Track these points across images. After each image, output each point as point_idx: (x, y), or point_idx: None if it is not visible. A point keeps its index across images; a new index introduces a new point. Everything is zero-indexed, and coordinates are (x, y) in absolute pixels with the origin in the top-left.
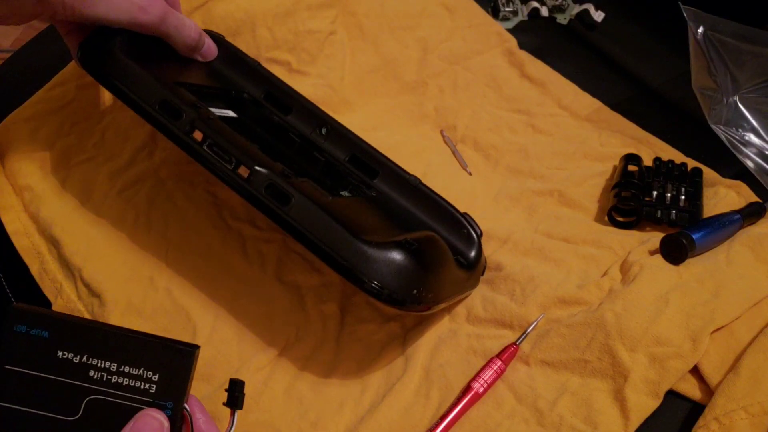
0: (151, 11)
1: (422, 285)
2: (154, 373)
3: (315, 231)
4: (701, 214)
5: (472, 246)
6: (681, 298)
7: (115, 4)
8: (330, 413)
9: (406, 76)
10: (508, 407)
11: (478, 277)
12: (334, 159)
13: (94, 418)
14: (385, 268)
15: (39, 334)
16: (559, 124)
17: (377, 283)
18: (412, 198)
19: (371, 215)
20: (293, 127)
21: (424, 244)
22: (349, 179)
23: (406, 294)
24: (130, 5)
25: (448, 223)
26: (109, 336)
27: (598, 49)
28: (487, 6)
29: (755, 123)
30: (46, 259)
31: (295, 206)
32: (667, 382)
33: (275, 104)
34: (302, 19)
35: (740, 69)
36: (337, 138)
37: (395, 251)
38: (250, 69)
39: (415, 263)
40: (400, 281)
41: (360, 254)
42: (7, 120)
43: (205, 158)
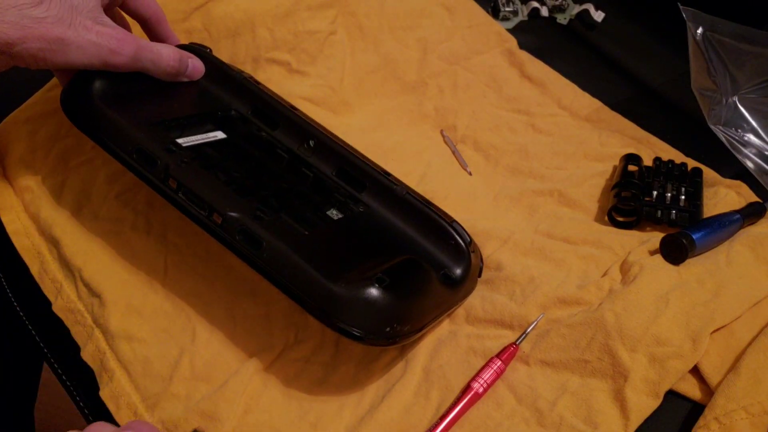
0: (122, 52)
1: (396, 320)
2: None
3: (286, 275)
4: (701, 214)
5: (461, 257)
6: (681, 298)
7: (85, 49)
8: (330, 414)
9: (406, 76)
10: (508, 407)
11: (470, 288)
12: (321, 174)
13: None
14: (357, 310)
15: None
16: (559, 124)
17: (350, 325)
18: (399, 210)
19: (354, 240)
20: (281, 143)
21: (402, 272)
22: (336, 196)
23: (377, 332)
24: (99, 49)
25: (435, 236)
26: None
27: (598, 49)
28: (487, 6)
29: (755, 123)
30: (46, 259)
31: (267, 250)
32: (667, 382)
33: (263, 119)
34: (302, 20)
35: (739, 69)
36: (325, 151)
37: (367, 290)
38: (236, 84)
39: (388, 299)
40: (371, 321)
41: (331, 297)
42: (6, 121)
43: (181, 205)
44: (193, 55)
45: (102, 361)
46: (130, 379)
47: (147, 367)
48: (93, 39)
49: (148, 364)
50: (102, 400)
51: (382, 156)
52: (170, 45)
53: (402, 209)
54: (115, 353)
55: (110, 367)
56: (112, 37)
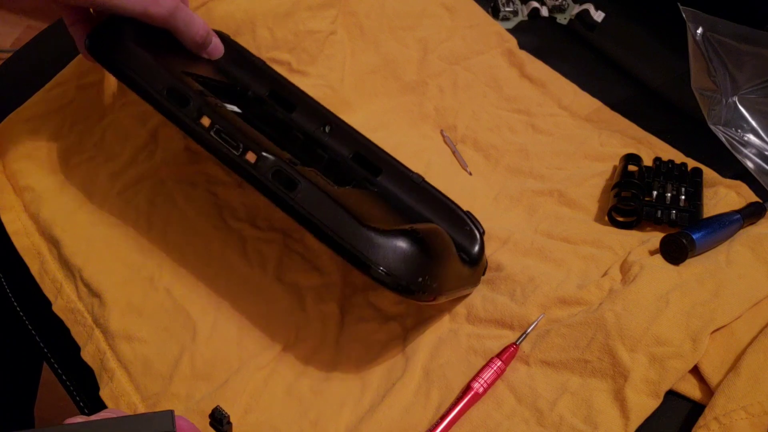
0: (163, 4)
1: (428, 273)
2: None
3: (322, 217)
4: (701, 214)
5: (474, 243)
6: (681, 298)
7: None
8: (330, 413)
9: (406, 76)
10: (508, 407)
11: (479, 276)
12: (337, 156)
13: None
14: (391, 255)
15: None
16: (559, 124)
17: (384, 269)
18: (415, 195)
19: (376, 207)
20: (297, 125)
21: (430, 235)
22: (352, 176)
23: (412, 280)
24: None
25: (451, 221)
26: None
27: (598, 49)
28: (487, 6)
29: (755, 123)
30: (46, 259)
31: (302, 192)
32: (667, 382)
33: (279, 102)
34: (302, 19)
35: (739, 70)
36: (341, 136)
37: (402, 238)
38: (255, 68)
39: (421, 251)
40: (407, 268)
41: (367, 240)
42: (7, 120)
43: (213, 144)
44: (216, 35)
45: (102, 360)
46: (130, 378)
47: (147, 366)
48: None
49: (148, 364)
50: (102, 400)
51: None
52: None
53: (418, 195)
54: (115, 353)
55: (110, 366)
56: None
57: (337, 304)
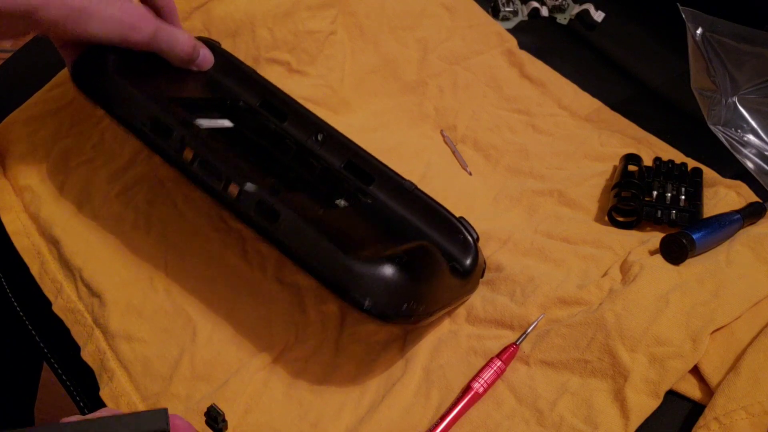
0: (142, 29)
1: (413, 299)
2: None
3: (303, 247)
4: (701, 214)
5: (468, 252)
6: (681, 298)
7: (106, 22)
8: (330, 414)
9: (406, 76)
10: (508, 407)
11: (477, 281)
12: (329, 165)
13: None
14: (373, 284)
15: None
16: (559, 124)
17: (364, 299)
18: (407, 204)
19: (365, 226)
20: (289, 134)
21: (417, 255)
22: (344, 186)
23: (394, 309)
24: (121, 24)
25: (443, 229)
26: None
27: (598, 49)
28: (487, 6)
29: (754, 124)
30: (46, 259)
31: (284, 223)
32: (667, 382)
33: (271, 111)
34: (302, 20)
35: (739, 70)
36: (333, 144)
37: (385, 266)
38: (245, 77)
39: (405, 277)
40: (389, 297)
41: (347, 270)
42: (6, 121)
43: (196, 177)
44: (204, 45)
45: (102, 361)
46: (130, 378)
47: (147, 366)
48: (115, 13)
49: (148, 364)
50: (102, 400)
51: (382, 156)
52: (186, 32)
53: (411, 203)
54: (115, 353)
55: (110, 367)
56: (134, 13)
57: (336, 305)
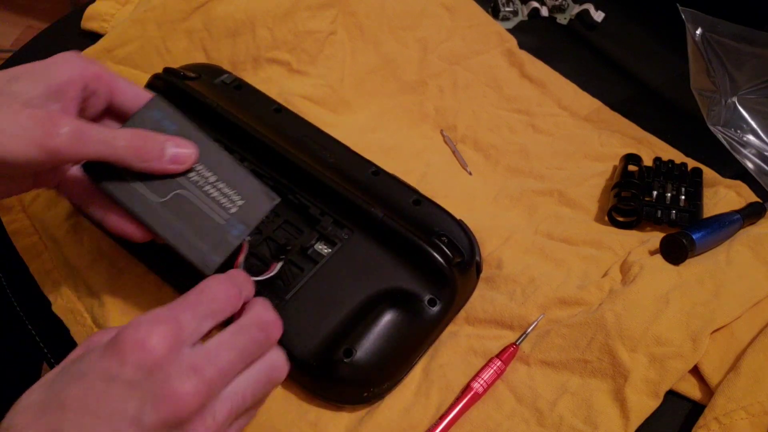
0: (59, 131)
1: (373, 385)
2: (241, 199)
3: None
4: (701, 214)
5: (442, 280)
6: (681, 298)
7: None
8: (329, 414)
9: (406, 76)
10: (508, 407)
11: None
12: (306, 202)
13: (175, 207)
14: (331, 389)
15: (167, 126)
16: (559, 124)
17: (327, 401)
18: (379, 235)
19: (334, 288)
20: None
21: (376, 333)
22: (321, 223)
23: (357, 400)
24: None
25: (415, 259)
26: (223, 158)
27: (598, 49)
28: (487, 6)
29: (754, 124)
30: (45, 259)
31: None
32: (667, 382)
33: (244, 149)
34: (302, 20)
35: (739, 70)
36: (307, 181)
37: (337, 369)
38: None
39: (360, 370)
40: (348, 394)
41: (305, 378)
42: None
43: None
44: (174, 139)
45: None
46: None
47: None
48: (22, 122)
49: None
50: None
51: (382, 156)
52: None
53: (382, 235)
54: None
55: None
56: (45, 117)
57: None
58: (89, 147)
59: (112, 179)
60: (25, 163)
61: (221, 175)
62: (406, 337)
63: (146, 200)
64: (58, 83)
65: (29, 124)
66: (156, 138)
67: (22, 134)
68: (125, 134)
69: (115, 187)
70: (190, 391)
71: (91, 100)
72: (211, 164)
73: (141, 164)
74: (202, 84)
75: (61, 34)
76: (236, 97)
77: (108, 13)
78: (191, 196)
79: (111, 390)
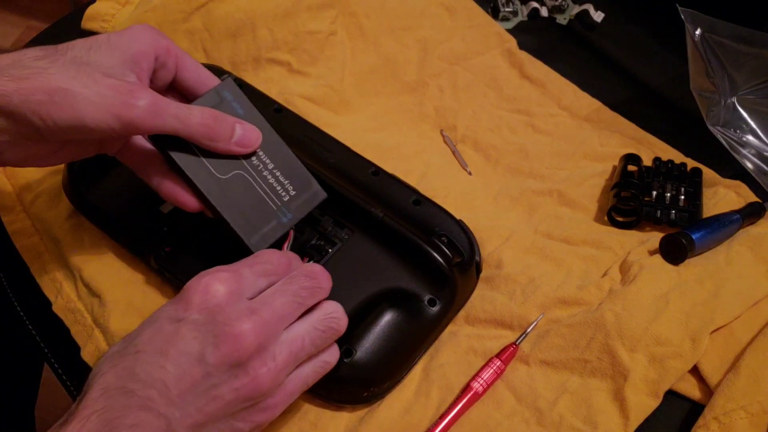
0: (137, 103)
1: (373, 384)
2: (294, 189)
3: None
4: (701, 214)
5: (443, 279)
6: (681, 298)
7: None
8: (330, 413)
9: (406, 77)
10: (508, 407)
11: (471, 288)
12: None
13: (233, 186)
14: (332, 389)
15: (236, 108)
16: (558, 124)
17: (328, 401)
18: (379, 236)
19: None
20: None
21: (376, 333)
22: (322, 224)
23: (358, 400)
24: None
25: (415, 259)
26: (282, 149)
27: (598, 49)
28: (487, 6)
29: (753, 124)
30: (46, 259)
31: None
32: (666, 382)
33: None
34: (302, 20)
35: (738, 70)
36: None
37: (337, 369)
38: None
39: (360, 369)
40: (349, 394)
41: None
42: None
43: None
44: (242, 123)
45: None
46: None
47: None
48: (102, 90)
49: None
50: None
51: (382, 156)
52: (206, 108)
53: (382, 235)
54: None
55: None
56: (125, 88)
57: None
58: (164, 121)
59: (179, 151)
60: (102, 131)
61: (279, 164)
62: (406, 336)
63: (209, 175)
64: (133, 53)
65: (109, 93)
66: (226, 119)
67: (101, 102)
68: (198, 112)
69: (181, 158)
70: (248, 330)
71: (160, 73)
72: (271, 152)
73: (209, 143)
74: None
75: (62, 35)
76: None
77: (108, 13)
78: (250, 178)
79: (178, 331)
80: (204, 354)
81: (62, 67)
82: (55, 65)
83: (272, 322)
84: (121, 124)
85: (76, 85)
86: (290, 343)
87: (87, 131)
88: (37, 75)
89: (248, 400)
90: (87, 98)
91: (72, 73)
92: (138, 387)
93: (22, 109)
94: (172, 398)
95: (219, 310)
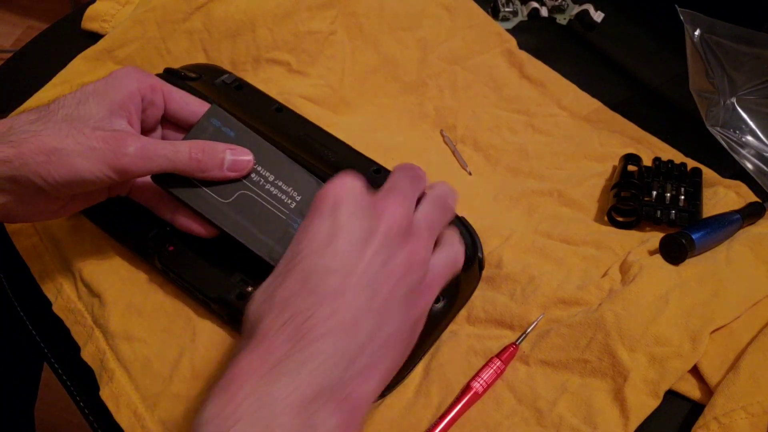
0: (126, 150)
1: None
2: (298, 194)
3: None
4: (701, 214)
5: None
6: (681, 298)
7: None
8: None
9: (406, 77)
10: (508, 407)
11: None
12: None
13: (240, 207)
14: None
15: (227, 132)
16: (558, 124)
17: None
18: None
19: None
20: None
21: None
22: None
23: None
24: (102, 153)
25: None
26: (279, 157)
27: (598, 49)
28: (487, 6)
29: (753, 125)
30: (46, 259)
31: None
32: (666, 382)
33: None
34: (302, 20)
35: (737, 71)
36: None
37: None
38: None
39: None
40: None
41: None
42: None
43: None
44: (232, 148)
45: (102, 361)
46: (130, 379)
47: (147, 366)
48: (93, 144)
49: (148, 364)
50: (102, 400)
51: (382, 156)
52: (194, 139)
53: None
54: (115, 353)
55: (110, 367)
56: (114, 138)
57: None
58: (154, 162)
59: (179, 186)
60: (99, 181)
61: (279, 174)
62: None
63: (213, 202)
64: (120, 99)
65: (99, 146)
66: (215, 149)
67: (94, 155)
68: (186, 148)
69: (182, 192)
70: (394, 203)
71: (149, 111)
72: (269, 164)
73: (202, 174)
74: (202, 84)
75: (62, 35)
76: (237, 97)
77: (108, 13)
78: (254, 195)
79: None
80: (370, 231)
81: (55, 126)
82: (47, 126)
83: (404, 198)
84: (116, 172)
85: (69, 143)
86: (423, 217)
87: (87, 184)
88: (33, 138)
89: (412, 274)
90: (81, 154)
91: (64, 131)
92: (317, 282)
93: (24, 172)
94: (353, 282)
95: (362, 197)
